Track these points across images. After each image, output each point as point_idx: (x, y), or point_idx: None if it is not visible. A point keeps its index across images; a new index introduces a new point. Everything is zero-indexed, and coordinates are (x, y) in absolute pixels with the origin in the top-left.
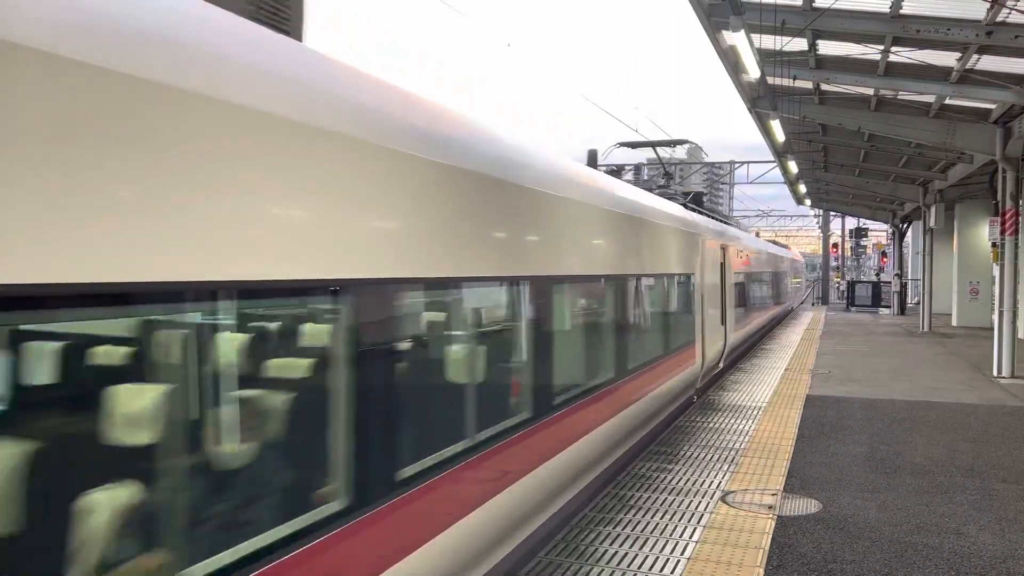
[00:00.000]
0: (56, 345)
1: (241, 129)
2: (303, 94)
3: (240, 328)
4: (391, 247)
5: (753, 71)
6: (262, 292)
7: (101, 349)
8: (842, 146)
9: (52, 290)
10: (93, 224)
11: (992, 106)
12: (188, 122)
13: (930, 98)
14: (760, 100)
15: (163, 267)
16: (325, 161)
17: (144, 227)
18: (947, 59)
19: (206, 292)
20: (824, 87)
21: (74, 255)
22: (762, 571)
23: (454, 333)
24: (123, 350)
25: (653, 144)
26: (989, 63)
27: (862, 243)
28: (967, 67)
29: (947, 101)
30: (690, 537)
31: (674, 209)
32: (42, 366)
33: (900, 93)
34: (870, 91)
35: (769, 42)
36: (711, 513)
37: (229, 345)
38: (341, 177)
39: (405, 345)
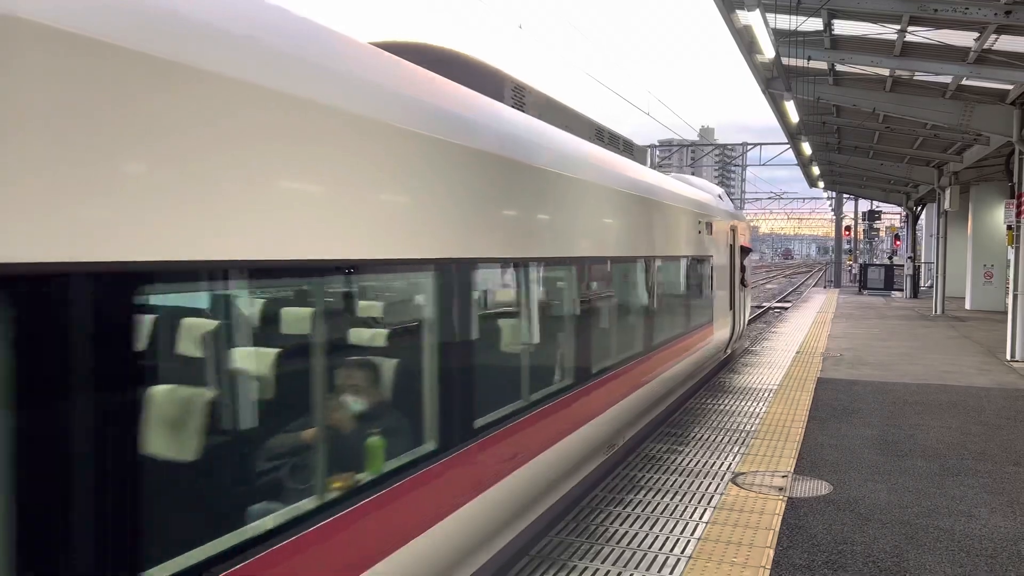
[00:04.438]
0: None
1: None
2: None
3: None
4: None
5: (768, 51)
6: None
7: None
8: (856, 128)
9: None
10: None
11: (1009, 87)
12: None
13: (947, 79)
14: (774, 81)
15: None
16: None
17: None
18: (965, 39)
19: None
20: (839, 68)
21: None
22: (772, 552)
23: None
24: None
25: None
26: (1008, 43)
27: (875, 226)
28: (985, 47)
29: (964, 82)
30: (700, 518)
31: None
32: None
33: (916, 74)
34: (886, 72)
35: (784, 22)
36: (722, 494)
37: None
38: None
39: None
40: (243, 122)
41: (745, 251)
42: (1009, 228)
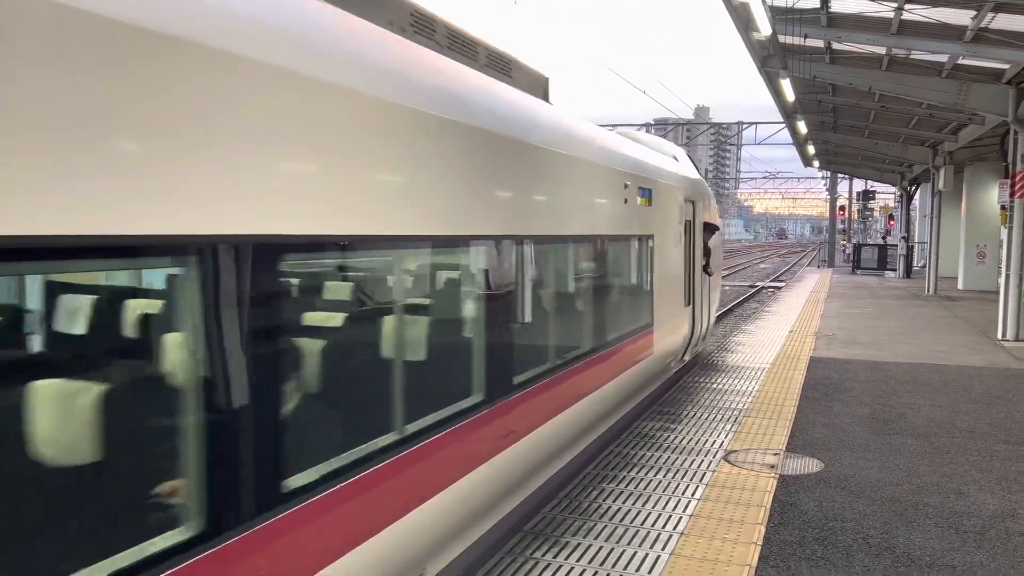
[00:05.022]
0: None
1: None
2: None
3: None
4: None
5: (764, 28)
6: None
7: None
8: (852, 107)
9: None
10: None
11: (1005, 66)
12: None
13: (943, 58)
14: (770, 59)
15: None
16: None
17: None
18: (962, 17)
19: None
20: (835, 46)
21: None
22: (763, 529)
23: None
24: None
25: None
26: (1005, 22)
27: (869, 206)
28: (982, 26)
29: (960, 61)
30: (693, 495)
31: None
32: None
33: (912, 53)
34: (882, 50)
35: None
36: (714, 472)
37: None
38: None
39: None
40: None
41: (711, 229)
42: (1003, 208)
